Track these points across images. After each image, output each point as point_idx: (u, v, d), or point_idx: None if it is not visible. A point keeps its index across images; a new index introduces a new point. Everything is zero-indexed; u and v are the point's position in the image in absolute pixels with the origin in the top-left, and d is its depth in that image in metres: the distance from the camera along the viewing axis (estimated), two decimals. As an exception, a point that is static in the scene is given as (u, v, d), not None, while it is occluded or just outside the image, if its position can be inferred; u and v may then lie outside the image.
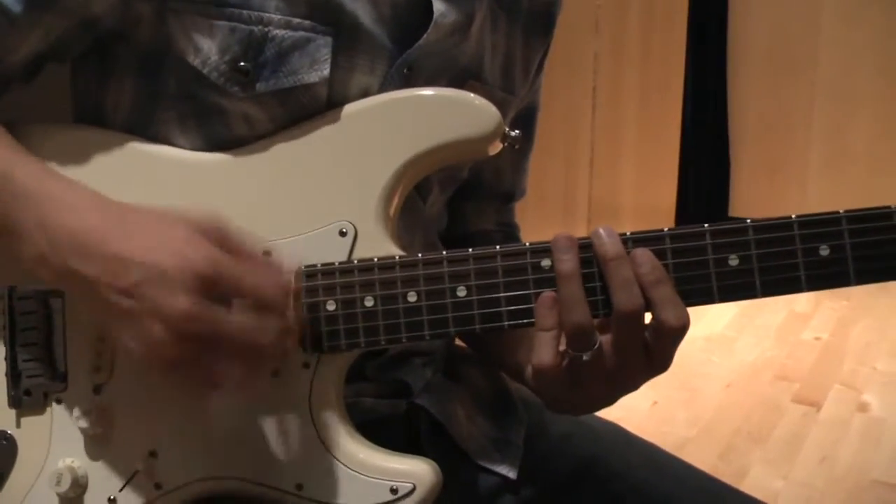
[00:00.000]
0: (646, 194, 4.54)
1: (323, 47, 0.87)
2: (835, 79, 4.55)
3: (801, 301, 3.96)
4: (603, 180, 4.30)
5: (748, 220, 0.80)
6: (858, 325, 3.80)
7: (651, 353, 0.80)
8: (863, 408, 3.05)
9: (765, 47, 4.69)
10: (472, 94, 0.87)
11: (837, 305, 3.97)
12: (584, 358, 0.80)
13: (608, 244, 0.80)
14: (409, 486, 0.84)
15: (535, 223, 3.67)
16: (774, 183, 4.80)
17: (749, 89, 4.75)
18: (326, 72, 0.87)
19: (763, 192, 4.81)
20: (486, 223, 1.16)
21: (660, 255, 0.80)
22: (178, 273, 0.74)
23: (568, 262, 0.80)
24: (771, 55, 4.68)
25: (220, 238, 0.78)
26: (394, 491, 0.84)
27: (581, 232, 0.82)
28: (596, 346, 0.80)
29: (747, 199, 4.85)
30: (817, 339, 3.67)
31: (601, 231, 0.80)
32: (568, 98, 4.05)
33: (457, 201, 1.11)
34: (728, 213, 4.86)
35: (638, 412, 2.87)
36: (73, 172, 0.89)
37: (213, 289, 0.75)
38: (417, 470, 0.85)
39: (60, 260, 0.78)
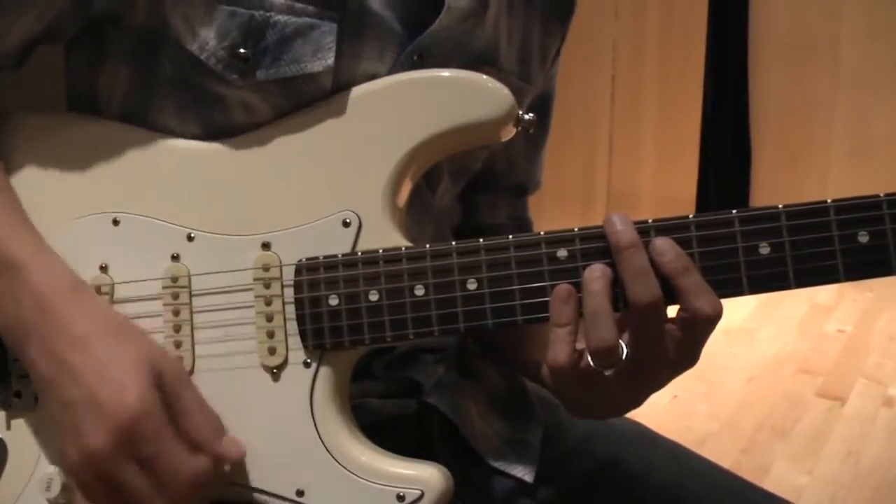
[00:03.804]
0: (666, 184, 4.51)
1: (328, 34, 0.83)
2: (857, 65, 4.50)
3: (824, 292, 3.92)
4: (622, 170, 4.27)
5: (780, 206, 0.75)
6: (882, 317, 3.76)
7: (679, 347, 0.76)
8: (889, 402, 3.01)
9: (786, 34, 4.64)
10: (483, 76, 0.83)
11: (861, 297, 3.92)
12: (607, 374, 0.76)
13: (621, 232, 0.75)
14: (417, 492, 0.80)
15: (553, 213, 3.63)
16: (796, 172, 4.75)
17: (770, 77, 4.70)
18: (331, 61, 0.83)
19: (784, 180, 4.77)
20: (498, 216, 1.12)
21: (685, 243, 0.75)
22: (109, 409, 0.74)
23: (599, 282, 0.76)
24: (792, 42, 4.63)
25: (169, 384, 0.77)
26: (401, 498, 0.80)
27: (599, 222, 0.78)
28: (622, 360, 0.76)
29: (768, 188, 4.80)
30: (841, 331, 3.63)
31: (614, 218, 0.76)
32: (587, 87, 4.03)
33: (468, 193, 1.07)
34: (749, 202, 4.82)
35: (657, 406, 2.83)
36: (67, 163, 0.86)
37: (132, 441, 0.74)
38: (426, 475, 0.81)
39: (22, 341, 0.79)
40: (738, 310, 3.70)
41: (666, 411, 2.87)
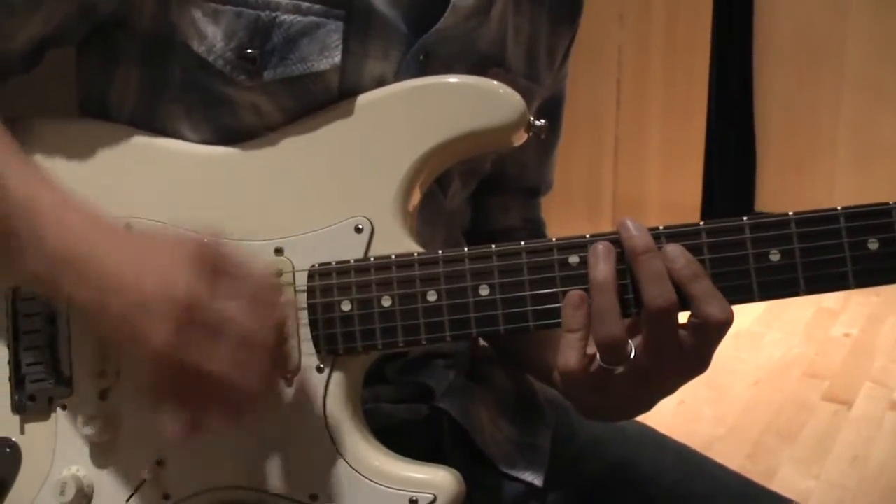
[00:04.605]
0: (671, 189, 4.49)
1: (334, 32, 0.83)
2: (863, 70, 4.48)
3: (830, 296, 3.86)
4: (628, 175, 4.26)
5: (790, 213, 0.75)
6: (889, 320, 3.74)
7: (690, 352, 0.76)
8: (895, 406, 2.98)
9: (791, 39, 4.63)
10: (495, 82, 0.83)
11: (867, 301, 3.91)
12: (616, 371, 0.76)
13: (637, 237, 0.75)
14: (430, 496, 0.80)
15: (560, 218, 3.62)
16: (801, 177, 4.74)
17: (775, 82, 4.69)
18: (337, 59, 0.83)
19: (790, 186, 4.75)
20: (510, 219, 1.12)
21: (696, 250, 0.76)
22: (161, 302, 0.71)
23: (604, 271, 0.76)
24: (798, 47, 4.62)
25: (215, 261, 0.75)
26: (413, 502, 0.80)
27: (605, 227, 0.78)
28: (630, 358, 0.76)
29: (774, 193, 4.79)
30: (847, 335, 3.61)
31: (629, 223, 0.76)
32: (592, 91, 4.01)
33: (480, 197, 1.07)
34: (754, 207, 4.81)
35: (664, 411, 2.79)
36: (78, 168, 0.86)
37: (195, 320, 0.72)
38: (438, 479, 0.81)
39: (53, 282, 0.76)
40: (744, 314, 3.68)
41: (672, 416, 2.86)
